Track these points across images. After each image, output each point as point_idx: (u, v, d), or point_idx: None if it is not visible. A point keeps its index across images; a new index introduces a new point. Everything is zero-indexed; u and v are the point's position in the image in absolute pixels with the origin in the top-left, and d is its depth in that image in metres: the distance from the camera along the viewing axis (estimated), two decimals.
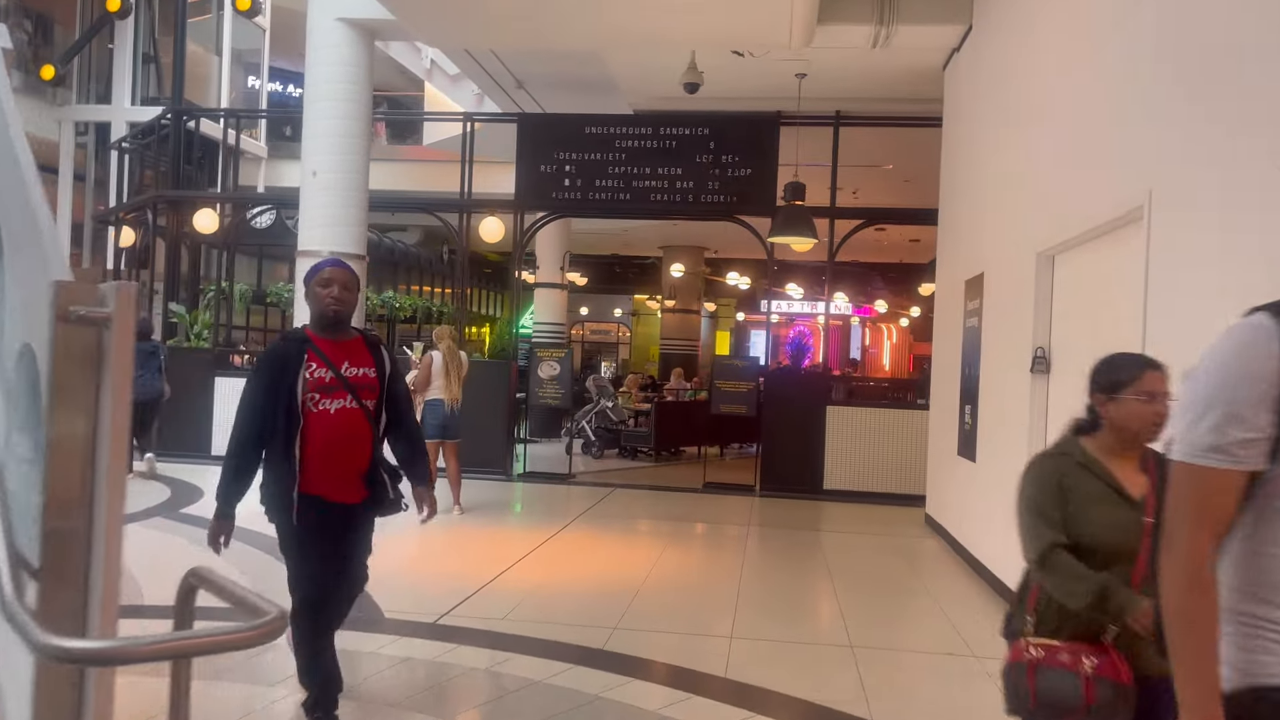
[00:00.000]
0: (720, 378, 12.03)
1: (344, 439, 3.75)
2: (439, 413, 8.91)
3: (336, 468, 3.74)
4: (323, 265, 3.90)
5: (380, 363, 3.88)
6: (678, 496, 11.16)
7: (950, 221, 9.67)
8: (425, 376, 8.96)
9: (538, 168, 12.07)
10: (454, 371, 8.86)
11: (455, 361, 8.91)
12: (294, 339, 3.88)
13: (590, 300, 30.50)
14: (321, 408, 3.70)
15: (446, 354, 8.91)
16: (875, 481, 11.38)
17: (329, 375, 3.72)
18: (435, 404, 8.93)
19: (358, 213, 9.49)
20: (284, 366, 3.70)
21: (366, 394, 3.81)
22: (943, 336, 9.76)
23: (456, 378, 8.87)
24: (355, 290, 3.86)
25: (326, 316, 3.79)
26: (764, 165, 11.73)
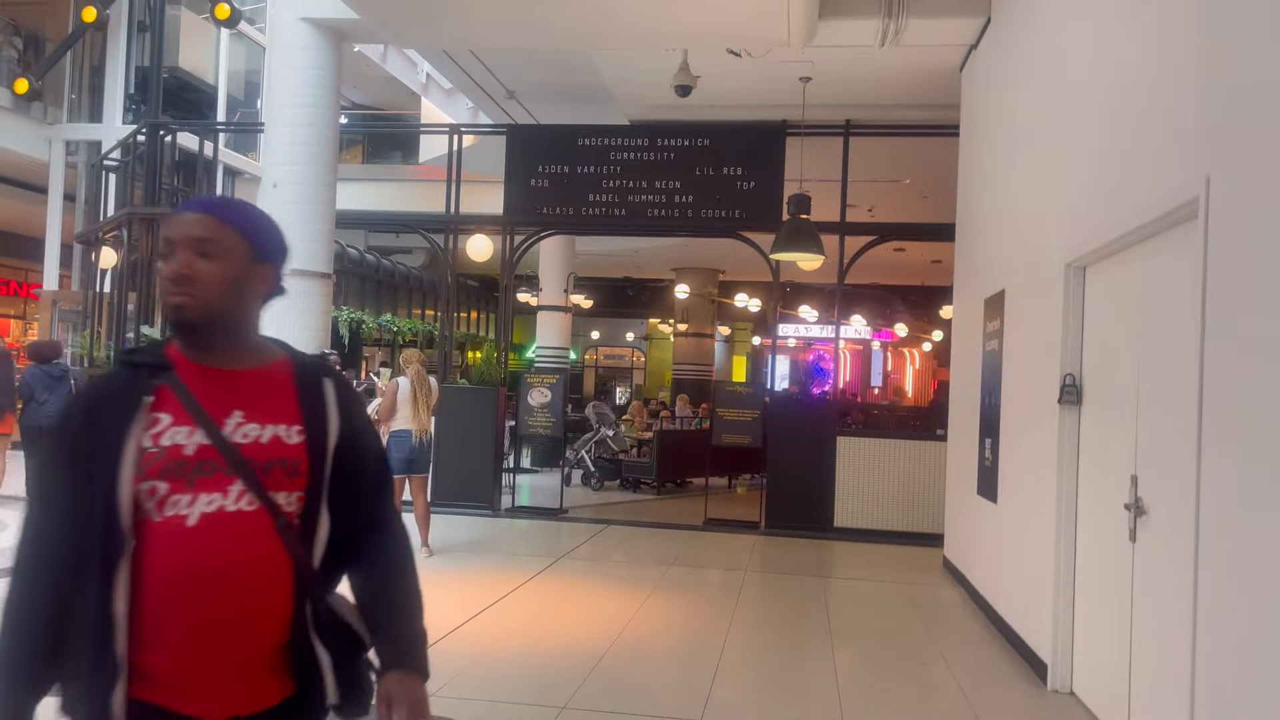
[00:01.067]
0: (722, 405, 11.18)
1: (224, 578, 1.74)
2: (405, 445, 8.13)
3: (207, 642, 1.74)
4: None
5: (317, 416, 1.90)
6: (675, 535, 10.29)
7: (968, 235, 8.81)
8: (390, 405, 8.19)
9: (527, 182, 11.32)
10: (422, 399, 8.08)
11: (424, 388, 8.13)
12: (131, 368, 1.83)
13: (603, 324, 29.77)
14: (172, 513, 1.74)
15: (415, 379, 8.14)
16: (889, 519, 10.47)
17: (192, 441, 1.77)
18: (402, 435, 8.16)
19: (323, 228, 8.77)
20: (94, 428, 1.76)
21: (279, 480, 1.82)
22: (961, 361, 8.88)
23: (425, 406, 8.09)
24: (233, 259, 1.83)
25: (167, 316, 1.86)
26: (769, 178, 10.92)
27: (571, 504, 11.92)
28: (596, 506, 12.42)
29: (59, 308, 17.15)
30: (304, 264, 8.66)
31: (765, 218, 10.90)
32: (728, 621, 6.60)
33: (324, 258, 8.83)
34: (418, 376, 8.14)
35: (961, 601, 7.60)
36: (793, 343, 28.10)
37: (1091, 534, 5.02)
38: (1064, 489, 5.29)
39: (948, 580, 8.42)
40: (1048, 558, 5.40)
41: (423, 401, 8.07)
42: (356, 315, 16.57)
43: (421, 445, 8.14)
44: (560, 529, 10.48)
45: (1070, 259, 5.26)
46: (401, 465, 8.16)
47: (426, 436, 8.14)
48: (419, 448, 8.13)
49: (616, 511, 12.13)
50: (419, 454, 8.19)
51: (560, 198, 11.26)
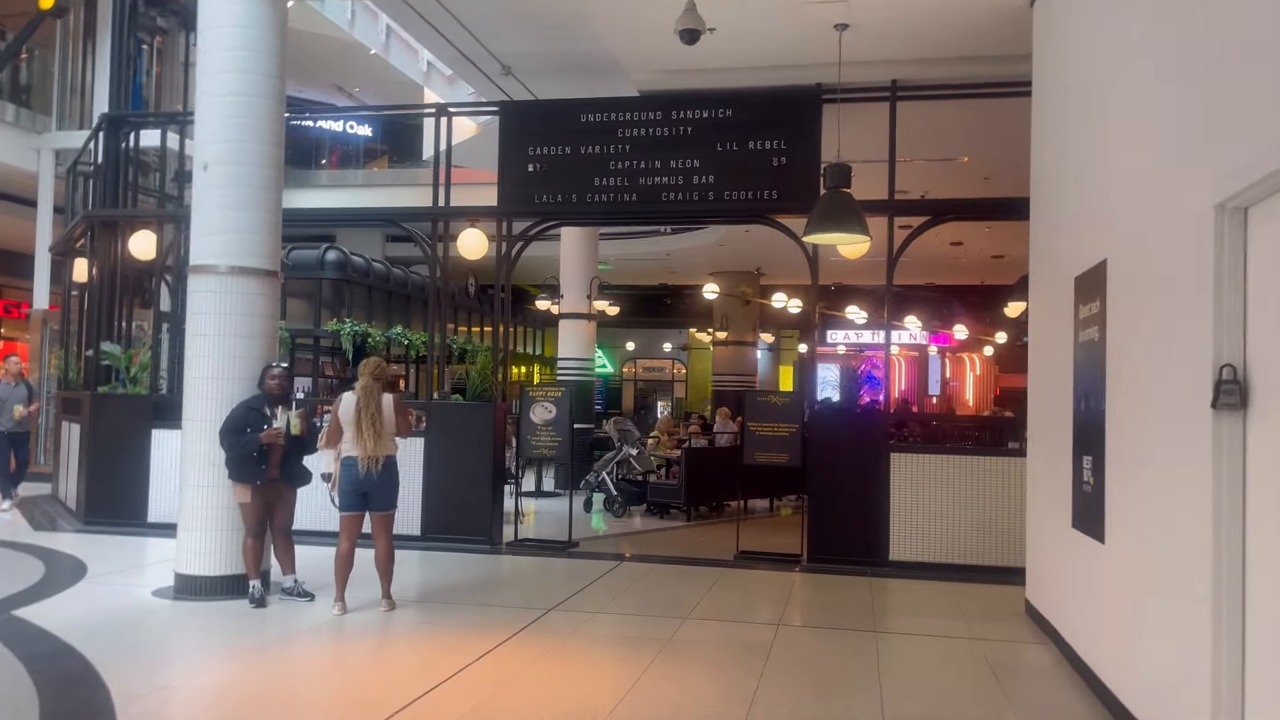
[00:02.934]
0: (755, 419, 9.56)
1: None
2: (351, 475, 6.65)
3: None
4: None
5: None
6: (699, 573, 8.68)
7: (1047, 205, 7.14)
8: (334, 426, 6.72)
9: (524, 166, 9.84)
10: (368, 420, 6.59)
11: (371, 405, 6.63)
12: None
13: (639, 335, 28.25)
14: None
15: (361, 395, 6.65)
16: (956, 550, 8.78)
17: None
18: (348, 463, 6.68)
19: (265, 217, 7.37)
20: None
21: None
22: (1042, 360, 7.19)
23: (371, 427, 6.59)
24: None
25: None
26: (803, 152, 9.32)
27: (584, 535, 10.37)
28: (613, 538, 10.86)
29: (49, 328, 16.06)
30: (242, 259, 7.24)
31: (800, 198, 9.28)
32: (747, 701, 4.98)
33: (267, 252, 7.42)
34: (364, 391, 6.65)
35: (1055, 666, 5.89)
36: (841, 349, 26.34)
37: (1272, 594, 3.35)
38: (1225, 529, 3.61)
39: (1033, 633, 6.71)
40: (1199, 627, 3.73)
41: (368, 422, 6.58)
42: (360, 328, 15.22)
43: (372, 476, 6.63)
44: (564, 568, 8.92)
45: (1223, 197, 3.60)
46: (350, 500, 6.69)
47: (377, 465, 6.63)
48: (370, 479, 6.64)
49: (635, 543, 10.56)
50: (374, 486, 6.69)
51: (561, 183, 9.75)
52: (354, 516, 6.74)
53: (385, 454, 6.70)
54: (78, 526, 10.27)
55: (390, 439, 6.78)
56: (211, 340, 7.19)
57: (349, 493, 6.66)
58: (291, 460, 7.00)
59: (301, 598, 7.04)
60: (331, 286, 15.89)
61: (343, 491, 6.70)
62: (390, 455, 6.76)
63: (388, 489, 6.77)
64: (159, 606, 6.92)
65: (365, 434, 6.55)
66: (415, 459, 9.73)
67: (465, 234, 10.16)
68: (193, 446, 7.20)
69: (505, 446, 10.22)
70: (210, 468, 7.10)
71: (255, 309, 7.33)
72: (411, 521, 9.67)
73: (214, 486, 7.11)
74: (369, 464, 6.59)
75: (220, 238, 7.30)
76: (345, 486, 6.67)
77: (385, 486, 6.74)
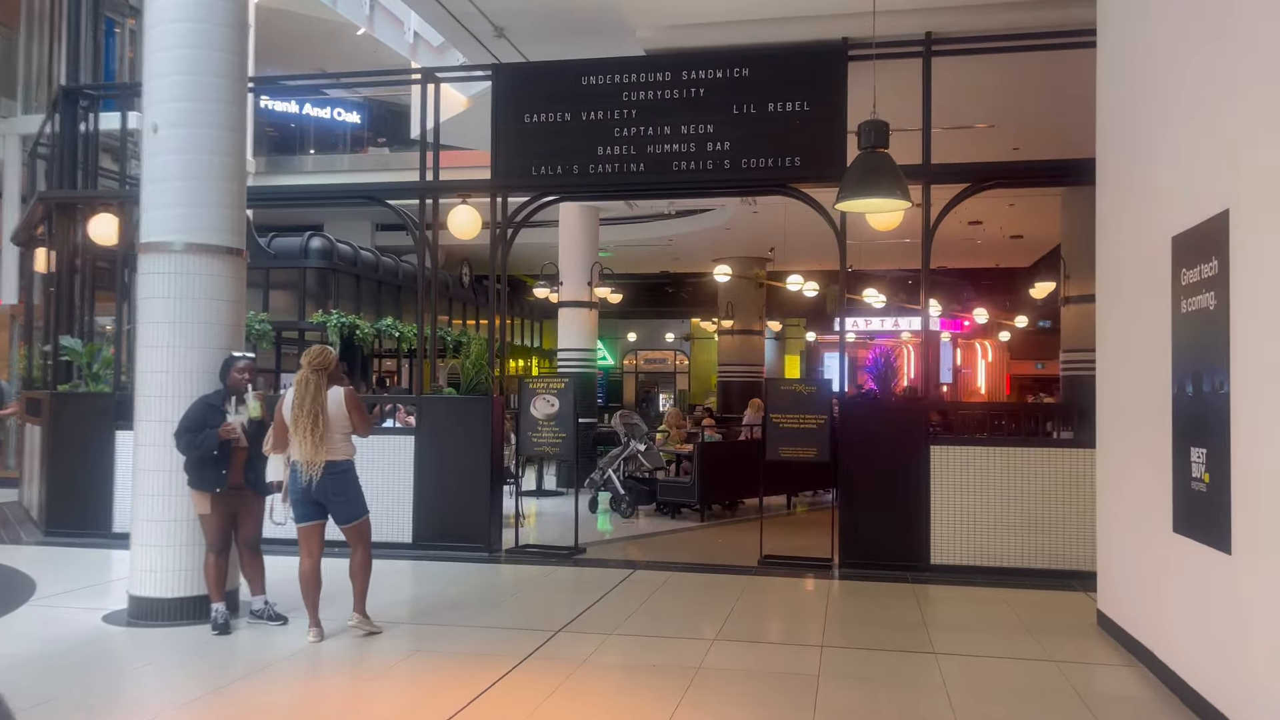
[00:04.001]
0: (778, 410, 8.66)
1: None
2: (294, 483, 5.75)
3: None
4: None
5: None
6: (721, 583, 7.79)
7: (1123, 161, 6.23)
8: (279, 426, 5.81)
9: (520, 136, 8.92)
10: (307, 417, 5.65)
11: (308, 400, 5.68)
12: None
13: (640, 326, 27.31)
14: None
15: (298, 388, 5.73)
16: (1005, 552, 7.92)
17: None
18: (294, 469, 5.78)
19: (226, 186, 6.44)
20: None
21: None
22: (1118, 339, 6.30)
23: (311, 427, 5.64)
24: None
25: None
26: (829, 114, 8.41)
27: (591, 539, 9.48)
28: (622, 542, 9.95)
29: (18, 324, 15.12)
30: (199, 234, 6.32)
31: (827, 165, 8.39)
32: None
33: (228, 226, 6.50)
34: (302, 385, 5.71)
35: (1157, 698, 4.99)
36: (852, 337, 25.44)
37: None
38: None
39: (1116, 652, 5.82)
40: None
41: (307, 421, 5.64)
42: (348, 320, 14.30)
43: (314, 485, 5.70)
44: (571, 578, 8.03)
45: None
46: (304, 510, 5.78)
47: (318, 472, 5.70)
48: (314, 487, 5.72)
49: (647, 548, 9.66)
50: (326, 497, 5.77)
51: (561, 152, 8.83)
52: (311, 528, 5.83)
53: (333, 458, 5.76)
54: (39, 538, 9.38)
55: (343, 440, 5.84)
56: (165, 329, 6.27)
57: (299, 502, 5.76)
58: (257, 463, 6.09)
59: (273, 621, 6.14)
60: (316, 275, 14.98)
61: (292, 501, 5.80)
62: (340, 460, 5.81)
63: (344, 498, 5.82)
64: (108, 635, 6.01)
65: (302, 435, 5.62)
66: (405, 459, 8.84)
67: (456, 212, 9.24)
68: (145, 450, 6.29)
69: (504, 444, 9.32)
70: (165, 474, 6.19)
71: (217, 292, 6.41)
72: (402, 528, 8.80)
73: (170, 495, 6.20)
74: (309, 470, 5.66)
75: (174, 211, 6.38)
76: (293, 495, 5.77)
77: (341, 496, 5.80)
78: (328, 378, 5.80)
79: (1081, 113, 10.03)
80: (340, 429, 5.79)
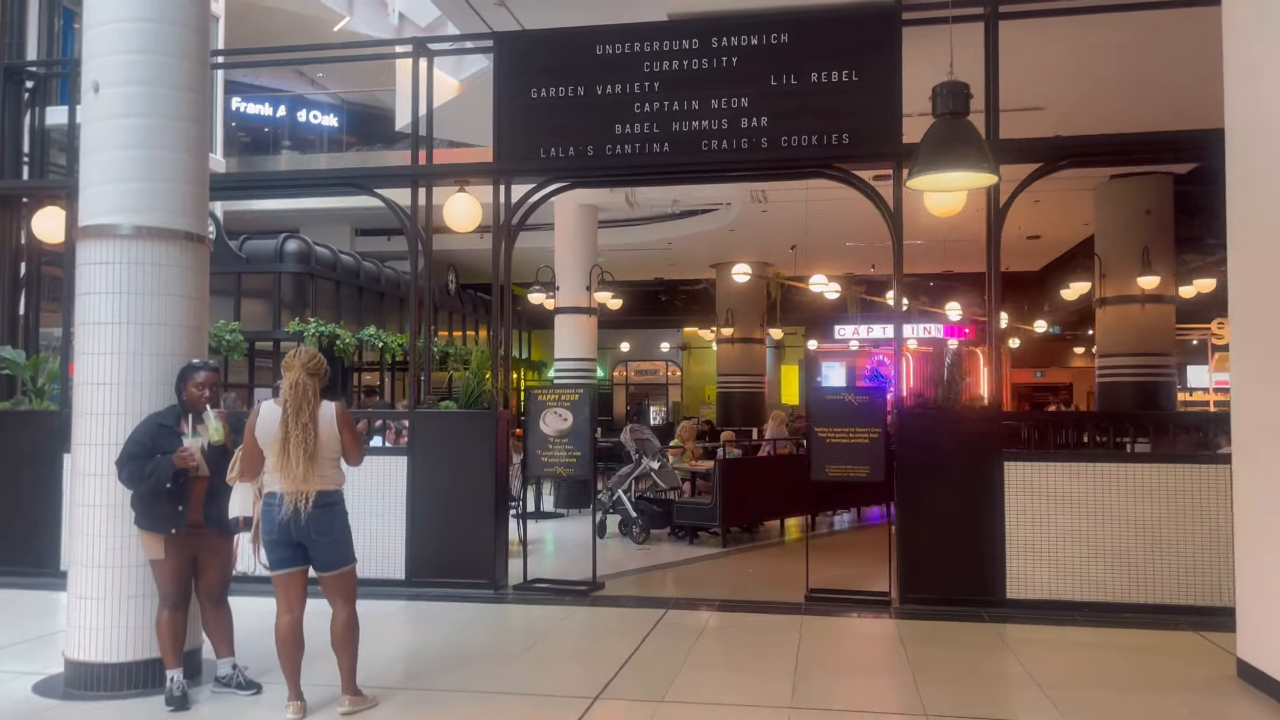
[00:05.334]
0: (824, 423, 7.58)
1: None
2: (270, 519, 4.56)
3: None
4: None
5: None
6: (771, 625, 6.69)
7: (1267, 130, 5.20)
8: (250, 449, 4.63)
9: (525, 113, 7.83)
10: (298, 431, 4.51)
11: (304, 413, 4.56)
12: None
13: (633, 336, 26.20)
14: None
15: (289, 396, 4.56)
16: (1098, 584, 6.90)
17: None
18: (271, 502, 4.59)
19: (185, 159, 5.30)
20: None
21: None
22: (1263, 328, 5.24)
23: (302, 446, 4.49)
24: None
25: None
26: (880, 85, 7.38)
27: (607, 571, 8.33)
28: (642, 574, 8.83)
29: None
30: (152, 216, 5.18)
31: (877, 143, 7.37)
32: None
33: (190, 207, 5.36)
34: (294, 392, 4.56)
35: None
36: (855, 345, 24.47)
37: None
38: None
39: (1273, 713, 4.76)
40: None
41: (298, 436, 4.49)
42: (327, 329, 13.13)
43: (302, 521, 4.56)
44: (594, 621, 6.90)
45: None
46: (280, 553, 4.59)
47: (306, 503, 4.54)
48: (299, 525, 4.57)
49: (673, 580, 8.56)
50: (309, 537, 4.61)
51: (574, 131, 7.74)
52: (290, 576, 4.65)
53: (323, 488, 4.62)
54: None
55: (332, 467, 4.69)
56: (109, 331, 5.12)
57: (275, 543, 4.58)
58: (220, 496, 4.93)
59: (243, 690, 4.97)
60: (292, 281, 13.79)
61: (266, 543, 4.63)
62: (330, 490, 4.67)
63: (330, 538, 4.64)
64: (38, 712, 4.83)
65: (293, 456, 4.46)
66: (396, 483, 7.72)
67: (453, 201, 8.12)
68: (85, 481, 5.13)
69: (508, 464, 8.20)
70: (109, 509, 5.03)
71: (173, 286, 5.26)
72: (393, 562, 7.66)
73: (115, 536, 5.04)
74: (296, 502, 4.50)
75: (120, 187, 5.23)
76: (266, 535, 4.59)
77: (326, 535, 4.62)
78: (320, 387, 4.66)
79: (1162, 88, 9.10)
80: (329, 453, 4.65)
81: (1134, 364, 12.97)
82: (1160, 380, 13.09)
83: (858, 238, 16.73)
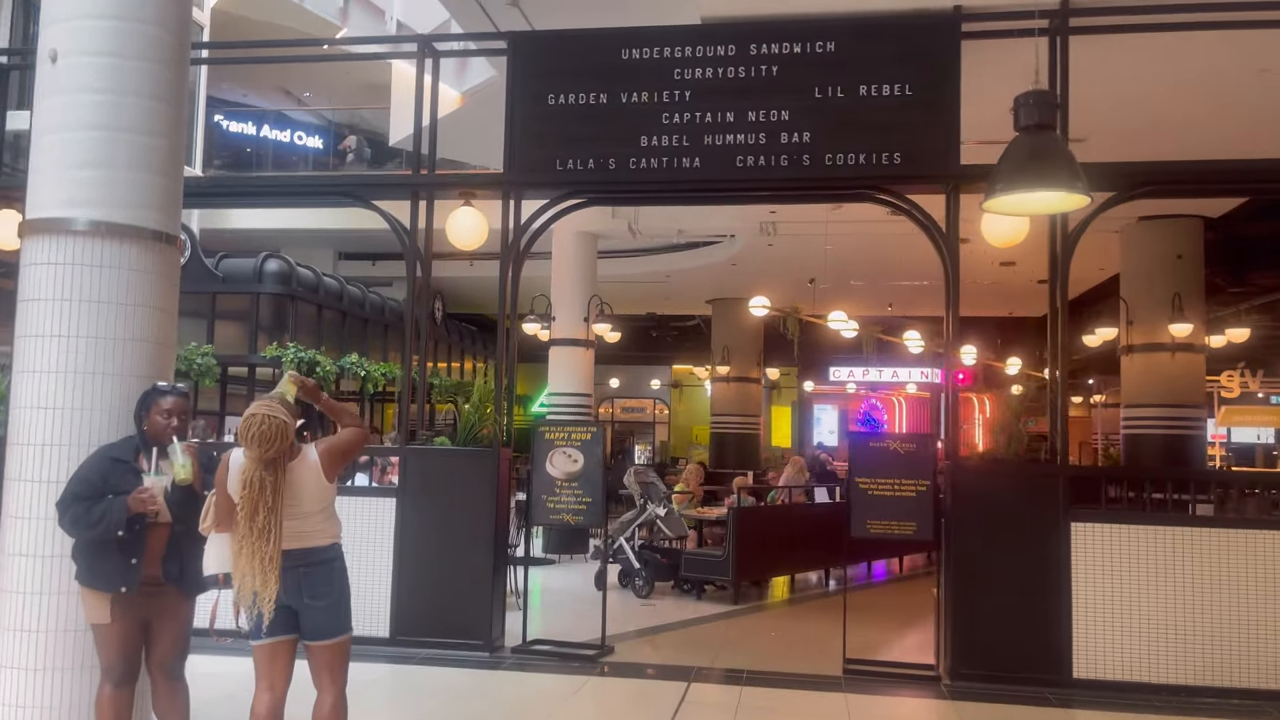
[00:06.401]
0: (866, 474, 6.79)
1: None
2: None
3: None
4: None
5: None
6: (811, 705, 5.87)
7: None
8: (222, 500, 3.75)
9: (542, 121, 7.07)
10: (266, 499, 3.62)
11: (261, 511, 3.62)
12: None
13: (622, 372, 25.38)
14: None
15: (243, 498, 3.64)
16: (1179, 664, 6.13)
17: None
18: None
19: (158, 145, 4.48)
20: None
21: None
22: None
23: (265, 519, 3.58)
24: None
25: None
26: (937, 101, 6.68)
27: (614, 631, 7.45)
28: (652, 634, 7.96)
29: None
30: (115, 210, 4.36)
31: (933, 163, 6.66)
32: None
33: (160, 202, 4.53)
34: (252, 488, 3.60)
35: None
36: (852, 387, 23.79)
37: None
38: None
39: None
40: None
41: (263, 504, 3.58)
42: (307, 355, 12.24)
43: (301, 578, 3.69)
44: (608, 696, 6.03)
45: None
46: (264, 622, 3.71)
47: (268, 602, 3.60)
48: (289, 584, 3.68)
49: (689, 644, 7.68)
50: (300, 599, 3.74)
51: (594, 142, 6.98)
52: (276, 646, 3.77)
53: (314, 544, 3.75)
54: None
55: (323, 519, 3.83)
56: (54, 346, 4.26)
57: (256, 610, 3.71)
58: (184, 546, 4.05)
59: None
60: (272, 303, 12.90)
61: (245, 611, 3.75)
62: (326, 546, 3.82)
63: (328, 601, 3.79)
64: None
65: (249, 554, 3.57)
66: (384, 528, 6.87)
67: (458, 215, 7.32)
68: (16, 525, 4.24)
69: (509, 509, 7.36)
70: (46, 561, 4.15)
71: (135, 294, 4.42)
72: (377, 618, 6.79)
73: (52, 594, 4.15)
74: (260, 606, 3.59)
75: (76, 174, 4.40)
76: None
77: (323, 597, 3.76)
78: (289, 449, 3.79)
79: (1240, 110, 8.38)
80: (320, 503, 3.81)
81: (1163, 416, 12.27)
82: (1190, 434, 12.41)
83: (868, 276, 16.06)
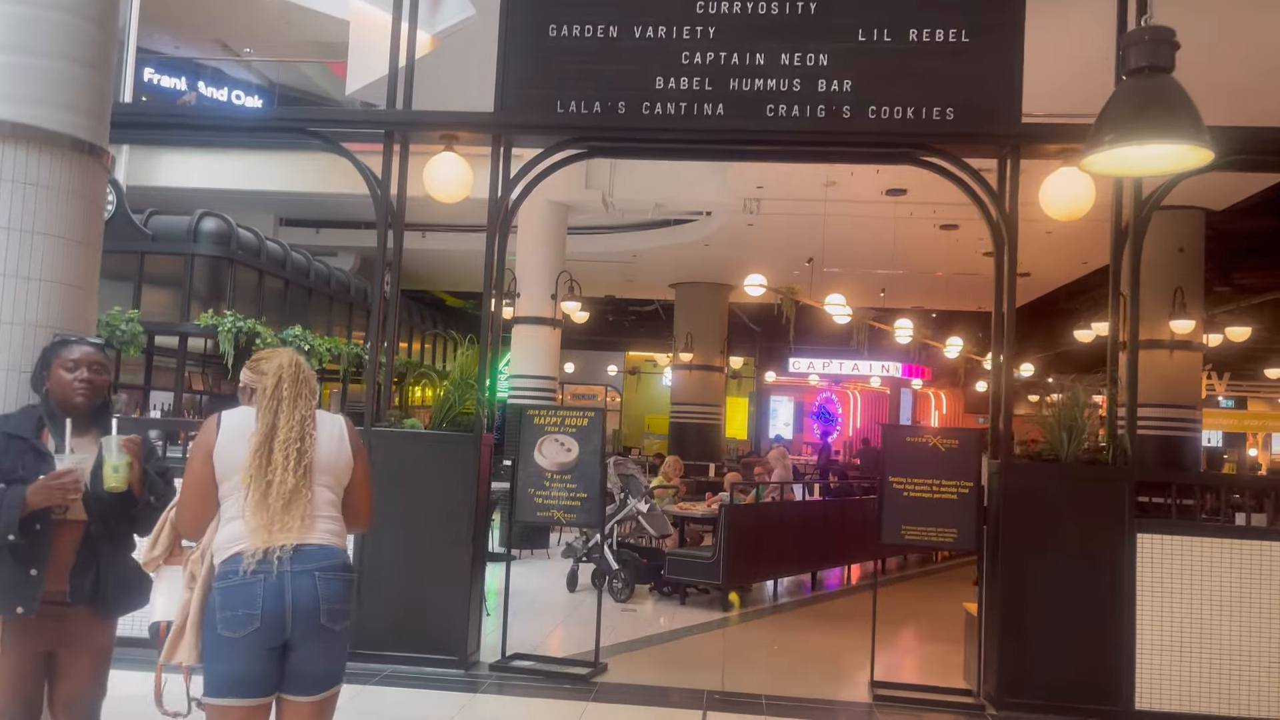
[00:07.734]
0: (901, 472, 5.97)
1: None
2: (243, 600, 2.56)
3: None
4: None
5: None
6: None
7: None
8: (201, 482, 2.72)
9: (540, 55, 6.09)
10: (291, 449, 2.66)
11: (299, 408, 2.69)
12: None
13: (577, 356, 24.38)
14: None
15: (286, 381, 2.70)
16: (1256, 697, 5.38)
17: None
18: (231, 571, 2.61)
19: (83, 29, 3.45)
20: None
21: None
22: None
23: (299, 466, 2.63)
24: None
25: None
26: (996, 48, 5.87)
27: (607, 646, 6.52)
28: (645, 646, 7.04)
29: None
30: (24, 111, 3.33)
31: (991, 122, 5.85)
32: None
33: (82, 102, 3.49)
34: (291, 372, 2.71)
35: None
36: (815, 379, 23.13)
37: None
38: None
39: None
40: None
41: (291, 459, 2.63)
42: (246, 325, 11.09)
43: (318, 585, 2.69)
44: None
45: None
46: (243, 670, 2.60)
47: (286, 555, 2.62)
48: (301, 600, 2.67)
49: (687, 658, 6.78)
50: (321, 617, 2.69)
51: (602, 82, 6.03)
52: (255, 710, 2.69)
53: (330, 541, 2.76)
54: None
55: (330, 518, 2.82)
56: None
57: (242, 650, 2.65)
58: (103, 554, 3.04)
59: None
60: (208, 266, 11.69)
61: (220, 650, 2.71)
62: (344, 549, 2.83)
63: (344, 629, 2.74)
64: None
65: (284, 483, 2.61)
66: None
67: (438, 162, 6.30)
68: None
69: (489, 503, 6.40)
70: None
71: (50, 221, 3.40)
72: None
73: None
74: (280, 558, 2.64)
75: None
76: (231, 632, 2.68)
77: (340, 620, 2.72)
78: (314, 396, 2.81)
79: None
80: (332, 493, 2.82)
81: (1159, 416, 11.74)
82: (1186, 435, 11.91)
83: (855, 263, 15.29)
